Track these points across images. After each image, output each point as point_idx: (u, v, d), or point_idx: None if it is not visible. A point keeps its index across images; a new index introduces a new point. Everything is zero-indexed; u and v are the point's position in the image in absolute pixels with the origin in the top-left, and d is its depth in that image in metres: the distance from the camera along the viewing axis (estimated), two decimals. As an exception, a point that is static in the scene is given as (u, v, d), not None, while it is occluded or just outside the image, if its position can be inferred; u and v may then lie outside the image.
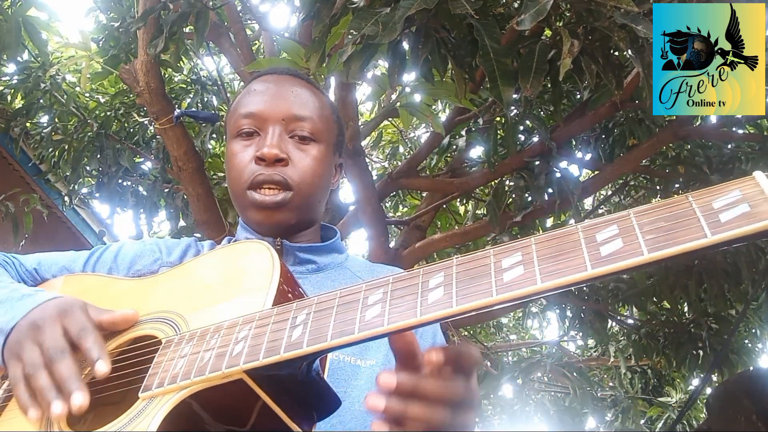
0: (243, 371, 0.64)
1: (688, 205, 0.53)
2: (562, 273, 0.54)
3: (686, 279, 3.94)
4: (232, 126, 1.06)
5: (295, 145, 1.02)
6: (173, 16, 2.74)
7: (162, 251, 1.08)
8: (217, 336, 0.69)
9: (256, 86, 1.07)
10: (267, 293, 0.72)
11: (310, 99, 1.06)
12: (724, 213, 0.51)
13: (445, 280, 0.60)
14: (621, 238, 0.54)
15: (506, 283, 0.56)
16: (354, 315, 0.62)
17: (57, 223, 5.37)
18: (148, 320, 0.81)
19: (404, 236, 4.06)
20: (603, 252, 0.54)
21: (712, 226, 0.50)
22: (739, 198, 0.51)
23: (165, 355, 0.72)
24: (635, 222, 0.54)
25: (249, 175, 1.00)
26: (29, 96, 4.20)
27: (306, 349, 0.61)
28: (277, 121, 1.02)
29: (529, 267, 0.56)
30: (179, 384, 0.66)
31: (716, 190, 0.53)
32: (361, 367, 0.94)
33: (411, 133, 5.59)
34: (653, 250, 0.52)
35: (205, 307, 0.77)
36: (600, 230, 0.56)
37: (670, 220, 0.53)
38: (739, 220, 0.50)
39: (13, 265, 1.03)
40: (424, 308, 0.58)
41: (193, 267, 0.89)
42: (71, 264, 1.06)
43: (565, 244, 0.56)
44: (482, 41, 1.74)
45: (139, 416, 0.67)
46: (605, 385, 6.49)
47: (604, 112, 3.22)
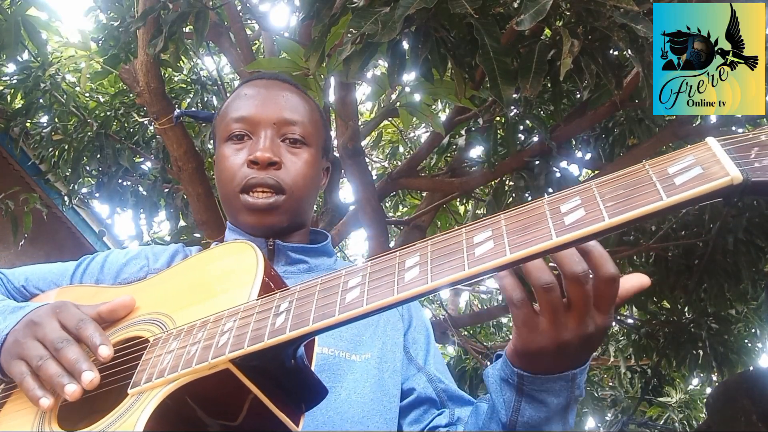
0: (229, 360, 0.64)
1: (645, 172, 0.56)
2: (530, 243, 0.57)
3: (686, 279, 3.94)
4: (222, 130, 1.07)
5: (286, 148, 1.03)
6: (173, 15, 2.74)
7: (149, 258, 1.09)
8: (204, 330, 0.70)
9: (246, 90, 1.08)
10: (252, 288, 0.73)
11: (300, 103, 1.08)
12: (678, 177, 0.53)
13: (421, 259, 0.62)
14: (584, 207, 0.57)
15: (477, 258, 0.58)
16: (335, 299, 0.63)
17: (57, 223, 5.37)
18: (137, 322, 0.82)
19: (404, 236, 4.06)
20: (567, 221, 0.56)
21: (667, 189, 0.53)
22: (693, 162, 0.54)
23: (153, 352, 0.72)
24: (596, 191, 0.57)
25: (241, 178, 1.00)
26: (29, 96, 4.20)
27: (289, 334, 0.62)
28: (269, 125, 1.03)
29: (498, 240, 0.59)
30: (167, 377, 0.67)
31: (671, 157, 0.56)
32: (356, 361, 0.95)
33: (411, 133, 5.59)
34: (614, 215, 0.54)
35: (191, 305, 0.78)
36: (564, 202, 0.58)
37: (628, 187, 0.56)
38: (692, 181, 0.52)
39: (1, 281, 1.03)
40: (401, 287, 0.60)
41: (179, 270, 0.90)
42: (59, 278, 1.06)
43: (532, 217, 0.59)
44: (482, 40, 1.74)
45: (128, 412, 0.68)
46: (605, 385, 6.49)
47: (604, 112, 3.22)
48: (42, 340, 0.75)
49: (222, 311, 0.71)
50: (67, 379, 0.71)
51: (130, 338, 0.80)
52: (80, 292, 1.00)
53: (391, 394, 0.96)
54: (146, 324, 0.80)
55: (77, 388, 0.70)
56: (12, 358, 0.77)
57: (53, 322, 0.77)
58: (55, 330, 0.76)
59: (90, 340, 0.74)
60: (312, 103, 1.12)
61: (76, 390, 0.70)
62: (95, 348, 0.73)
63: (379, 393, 0.94)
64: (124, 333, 0.81)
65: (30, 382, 0.73)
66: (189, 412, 0.68)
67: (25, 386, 0.74)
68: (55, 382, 0.71)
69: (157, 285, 0.89)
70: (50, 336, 0.75)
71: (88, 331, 0.75)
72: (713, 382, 5.19)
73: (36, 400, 0.72)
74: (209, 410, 0.69)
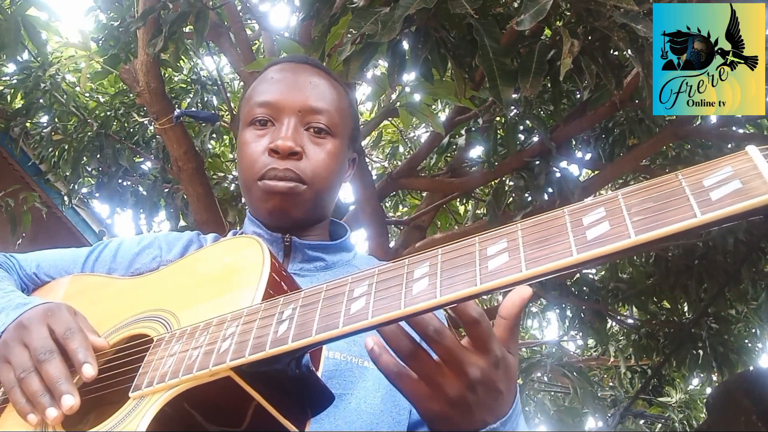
0: (230, 368, 0.63)
1: (678, 183, 0.51)
2: (547, 259, 0.52)
3: (686, 279, 3.94)
4: (245, 114, 1.02)
5: (310, 137, 0.99)
6: (173, 15, 2.74)
7: (162, 248, 1.06)
8: (206, 333, 0.69)
9: (273, 74, 1.04)
10: (257, 289, 0.71)
11: (328, 91, 1.02)
12: (715, 190, 0.48)
13: (430, 270, 0.58)
14: (608, 220, 0.52)
15: (491, 272, 0.55)
16: (339, 308, 0.61)
17: (57, 222, 5.37)
18: (142, 319, 0.81)
19: (404, 236, 4.06)
20: (589, 236, 0.52)
21: (702, 205, 0.48)
22: (731, 174, 0.48)
23: (155, 354, 0.71)
24: (623, 203, 0.52)
25: (261, 167, 0.96)
26: (29, 96, 4.20)
27: (291, 345, 0.61)
28: (293, 112, 0.98)
29: (514, 254, 0.55)
30: (168, 383, 0.66)
31: (707, 167, 0.50)
32: (369, 368, 0.91)
33: (411, 133, 5.59)
34: (641, 232, 0.49)
35: (196, 304, 0.77)
36: (586, 213, 0.54)
37: (659, 200, 0.50)
38: (730, 197, 0.47)
39: (13, 267, 1.03)
40: (408, 300, 0.57)
41: (186, 264, 0.89)
42: (70, 265, 1.05)
43: (551, 229, 0.54)
44: (482, 41, 1.74)
45: (129, 416, 0.67)
46: (605, 385, 6.49)
47: (604, 112, 3.22)
48: (28, 346, 0.75)
49: (225, 314, 0.70)
50: (48, 401, 0.70)
51: (135, 335, 0.79)
52: (90, 282, 0.99)
53: (402, 407, 0.91)
54: (151, 321, 0.79)
55: (57, 414, 0.69)
56: (1, 361, 0.76)
57: (42, 329, 0.76)
58: (41, 338, 0.75)
59: (75, 355, 0.73)
60: (341, 89, 1.06)
61: (56, 416, 0.69)
62: (79, 365, 0.71)
63: (390, 404, 0.90)
64: (128, 330, 0.81)
65: (17, 394, 0.73)
66: (190, 418, 0.67)
67: (13, 398, 0.73)
68: (36, 402, 0.71)
69: (165, 279, 0.88)
70: (35, 344, 0.74)
71: (74, 344, 0.74)
72: (713, 382, 5.19)
73: (24, 414, 0.72)
74: (211, 416, 0.68)
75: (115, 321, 0.84)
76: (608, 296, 4.36)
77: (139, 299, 0.86)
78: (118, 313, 0.85)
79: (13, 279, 1.00)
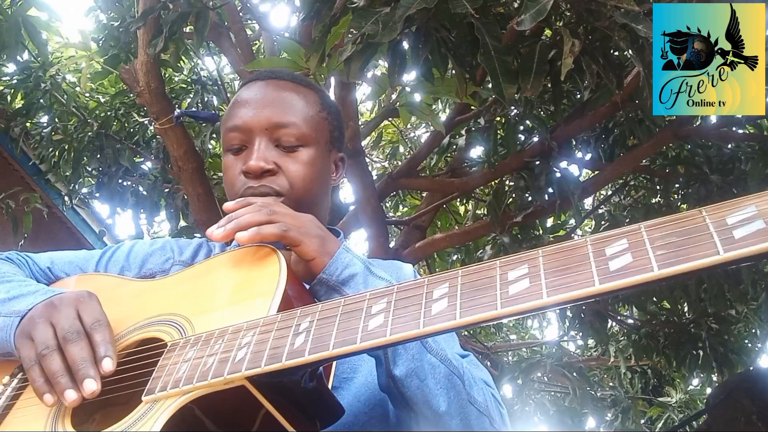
0: (245, 378, 0.64)
1: (702, 219, 0.51)
2: (569, 288, 0.53)
3: (686, 279, 3.94)
4: (222, 140, 1.07)
5: (283, 152, 1.01)
6: (173, 15, 2.74)
7: (174, 251, 1.09)
8: (221, 341, 0.69)
9: (241, 96, 1.07)
10: (273, 298, 0.72)
11: (294, 103, 1.04)
12: (738, 229, 0.49)
13: (450, 291, 0.59)
14: (631, 252, 0.52)
15: (511, 296, 0.55)
16: (357, 324, 0.61)
17: (57, 223, 5.37)
18: (156, 322, 0.81)
19: (404, 236, 4.05)
20: (612, 267, 0.52)
21: (725, 243, 0.48)
22: (755, 214, 0.49)
23: (169, 359, 0.72)
24: (646, 236, 0.53)
25: (240, 187, 1.00)
26: (29, 96, 4.20)
27: (308, 358, 0.61)
28: (262, 132, 1.01)
29: (535, 280, 0.55)
30: (182, 388, 0.66)
31: (731, 205, 0.51)
32: None
33: (411, 133, 5.59)
34: (664, 266, 0.50)
35: (211, 310, 0.77)
36: (609, 244, 0.54)
37: (682, 235, 0.51)
38: (753, 237, 0.47)
39: (27, 264, 1.04)
40: (427, 320, 0.58)
41: (202, 269, 0.89)
42: (84, 264, 1.06)
43: (573, 258, 0.55)
44: (483, 39, 1.74)
45: (141, 419, 0.67)
46: (605, 385, 6.48)
47: (604, 112, 3.22)
48: (55, 325, 0.75)
49: (241, 323, 0.70)
50: (68, 382, 0.70)
51: (148, 339, 0.79)
52: (104, 282, 1.00)
53: None
54: (165, 325, 0.79)
55: (76, 397, 0.69)
56: (23, 337, 0.77)
57: (71, 311, 0.76)
58: (70, 318, 0.75)
59: (98, 347, 0.73)
60: (312, 97, 1.08)
61: (74, 399, 0.69)
62: (100, 358, 0.72)
63: None
64: (142, 333, 0.81)
65: (36, 372, 0.73)
66: (201, 425, 0.68)
67: (31, 376, 0.73)
68: (56, 381, 0.71)
69: (179, 283, 0.88)
70: (63, 323, 0.74)
71: (100, 336, 0.74)
72: (713, 382, 5.19)
73: (40, 394, 0.72)
74: (221, 423, 0.68)
75: (130, 322, 0.83)
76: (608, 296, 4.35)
77: (154, 302, 0.86)
78: (133, 314, 0.85)
79: (25, 273, 1.01)
